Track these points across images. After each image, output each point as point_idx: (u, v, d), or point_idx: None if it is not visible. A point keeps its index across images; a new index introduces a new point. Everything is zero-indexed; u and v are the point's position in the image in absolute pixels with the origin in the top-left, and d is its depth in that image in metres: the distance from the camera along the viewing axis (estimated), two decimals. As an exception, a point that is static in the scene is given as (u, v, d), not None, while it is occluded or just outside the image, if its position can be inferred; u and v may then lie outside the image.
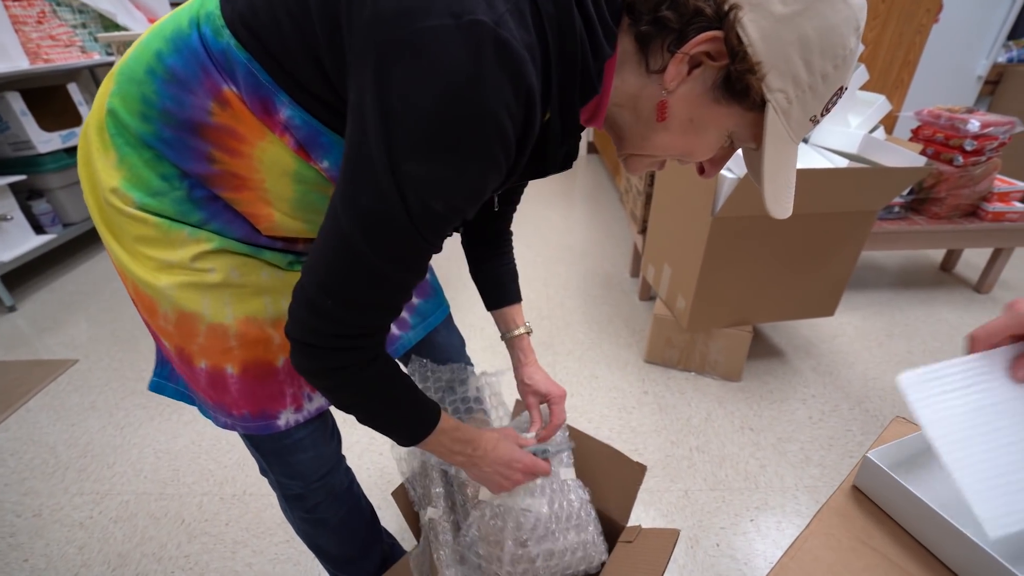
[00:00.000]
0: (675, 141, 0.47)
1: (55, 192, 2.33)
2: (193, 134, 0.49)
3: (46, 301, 2.13)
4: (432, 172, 0.39)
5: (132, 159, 0.51)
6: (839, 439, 1.41)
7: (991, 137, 1.79)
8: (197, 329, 0.55)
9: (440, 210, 0.41)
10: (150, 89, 0.48)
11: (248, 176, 0.51)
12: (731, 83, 0.41)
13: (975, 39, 2.89)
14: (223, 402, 0.59)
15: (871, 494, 0.56)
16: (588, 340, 1.83)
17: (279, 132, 0.48)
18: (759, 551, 1.12)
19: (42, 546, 1.16)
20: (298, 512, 0.76)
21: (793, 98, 0.41)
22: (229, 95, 0.47)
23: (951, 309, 1.99)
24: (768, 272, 1.45)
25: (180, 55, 0.47)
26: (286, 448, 0.66)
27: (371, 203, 0.40)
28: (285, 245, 0.60)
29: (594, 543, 0.78)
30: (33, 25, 2.28)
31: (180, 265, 0.53)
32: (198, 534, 1.18)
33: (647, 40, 0.42)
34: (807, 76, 0.40)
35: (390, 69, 0.37)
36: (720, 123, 0.45)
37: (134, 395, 1.60)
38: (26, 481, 1.32)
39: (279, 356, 0.60)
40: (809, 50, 0.39)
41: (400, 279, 0.46)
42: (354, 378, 0.49)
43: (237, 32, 0.45)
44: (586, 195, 3.25)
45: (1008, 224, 1.90)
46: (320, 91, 0.46)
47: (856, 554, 0.51)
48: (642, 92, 0.45)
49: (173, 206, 0.52)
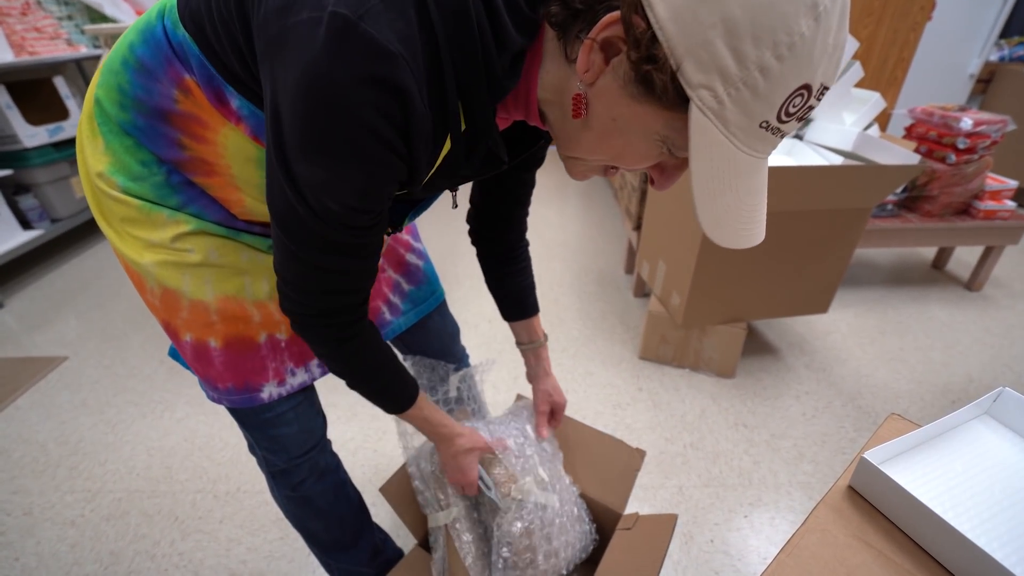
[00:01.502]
0: (599, 143, 0.41)
1: (42, 187, 2.29)
2: (162, 121, 0.51)
3: (34, 298, 2.10)
4: (314, 174, 0.39)
5: (115, 146, 0.54)
6: (832, 436, 1.42)
7: (984, 135, 1.81)
8: (180, 304, 0.58)
9: (337, 209, 0.41)
10: (124, 79, 0.50)
11: (215, 162, 0.54)
12: (645, 78, 0.34)
13: (967, 37, 2.90)
14: (209, 375, 0.63)
15: (867, 494, 0.57)
16: (582, 336, 1.84)
17: (234, 121, 0.50)
18: (753, 547, 1.13)
19: (33, 544, 1.15)
20: (284, 490, 0.77)
21: (723, 96, 0.32)
22: (190, 83, 0.49)
23: (942, 306, 2.01)
24: (763, 269, 1.45)
25: (147, 46, 0.49)
26: (269, 421, 0.68)
27: (280, 204, 0.43)
28: (262, 229, 0.62)
29: (590, 532, 0.79)
30: (17, 17, 2.23)
31: (161, 245, 0.56)
32: (192, 532, 1.17)
33: (564, 26, 0.37)
34: (737, 69, 0.31)
35: (272, 67, 0.37)
36: (644, 124, 0.37)
37: (125, 392, 1.58)
38: (16, 479, 1.30)
39: (260, 332, 0.63)
40: (736, 35, 0.30)
41: (340, 267, 0.48)
42: (336, 351, 0.55)
43: (187, 26, 0.47)
44: (580, 191, 3.25)
45: (999, 222, 1.92)
46: (254, 86, 0.47)
47: (852, 551, 0.51)
48: (565, 85, 0.40)
49: (153, 190, 0.55)
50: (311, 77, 0.34)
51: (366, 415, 1.47)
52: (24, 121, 2.15)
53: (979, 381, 1.62)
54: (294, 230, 0.44)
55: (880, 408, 1.51)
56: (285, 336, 0.66)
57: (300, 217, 0.42)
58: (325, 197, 0.40)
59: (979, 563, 0.46)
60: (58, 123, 2.30)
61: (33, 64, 2.21)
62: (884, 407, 1.52)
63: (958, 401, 1.53)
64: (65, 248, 2.50)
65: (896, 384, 1.61)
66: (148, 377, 1.65)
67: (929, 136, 1.95)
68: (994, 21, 2.85)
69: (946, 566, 0.49)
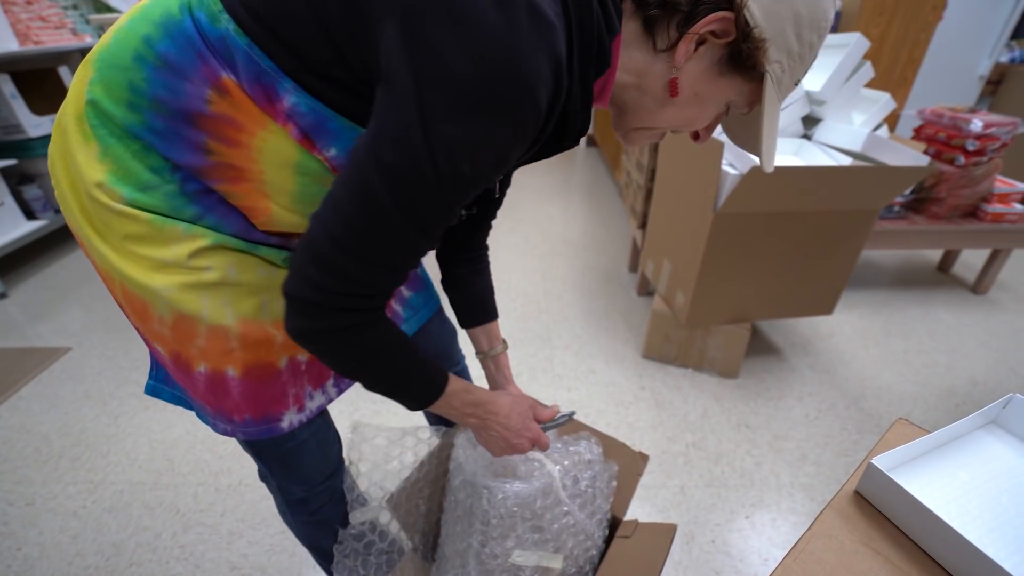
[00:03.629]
0: (682, 113, 0.50)
1: (46, 177, 2.29)
2: (188, 124, 0.46)
3: (38, 288, 2.10)
4: (465, 134, 0.39)
5: (117, 151, 0.48)
6: (835, 437, 1.41)
7: (993, 138, 1.79)
8: (196, 331, 0.52)
9: (468, 173, 0.41)
10: (139, 76, 0.45)
11: (246, 167, 0.49)
12: (738, 58, 0.44)
13: (978, 38, 2.88)
14: (223, 407, 0.57)
15: (874, 500, 0.56)
16: (586, 335, 1.83)
17: (282, 121, 0.47)
18: (754, 548, 1.13)
19: (35, 535, 1.15)
20: (301, 516, 0.75)
21: (786, 67, 0.45)
22: (228, 83, 0.45)
23: (948, 309, 2.00)
24: (768, 269, 1.45)
25: (173, 41, 0.44)
26: (289, 452, 0.65)
27: (398, 160, 0.39)
28: (280, 241, 0.58)
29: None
30: (23, 6, 2.23)
31: (176, 264, 0.50)
32: (193, 524, 1.18)
33: (654, 21, 0.44)
34: (798, 47, 0.44)
35: (422, 32, 0.37)
36: (723, 94, 0.48)
37: (128, 384, 1.59)
38: (19, 470, 1.31)
39: (282, 356, 0.58)
40: (800, 24, 0.43)
41: (415, 242, 0.45)
42: (357, 339, 0.48)
43: (237, 16, 0.43)
44: (584, 189, 3.24)
45: (1007, 225, 1.90)
46: (331, 71, 0.44)
47: (859, 557, 0.51)
48: (648, 70, 0.47)
49: (165, 201, 0.49)
50: (493, 45, 0.36)
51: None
52: (29, 111, 2.15)
53: (984, 385, 1.61)
54: (402, 189, 0.41)
55: (884, 411, 1.51)
56: (307, 356, 0.61)
57: (419, 176, 0.40)
58: (464, 159, 0.40)
59: (987, 572, 0.45)
60: (62, 113, 2.30)
61: (38, 53, 2.20)
62: (888, 409, 1.51)
63: (962, 404, 1.53)
64: (69, 238, 2.51)
65: (900, 387, 1.60)
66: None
67: (938, 137, 1.93)
68: (1005, 22, 2.82)
69: (953, 574, 0.49)
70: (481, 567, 0.71)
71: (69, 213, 0.51)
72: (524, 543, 0.71)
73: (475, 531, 0.72)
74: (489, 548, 0.70)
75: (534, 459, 0.75)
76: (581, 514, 0.75)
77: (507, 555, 0.70)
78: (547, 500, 0.72)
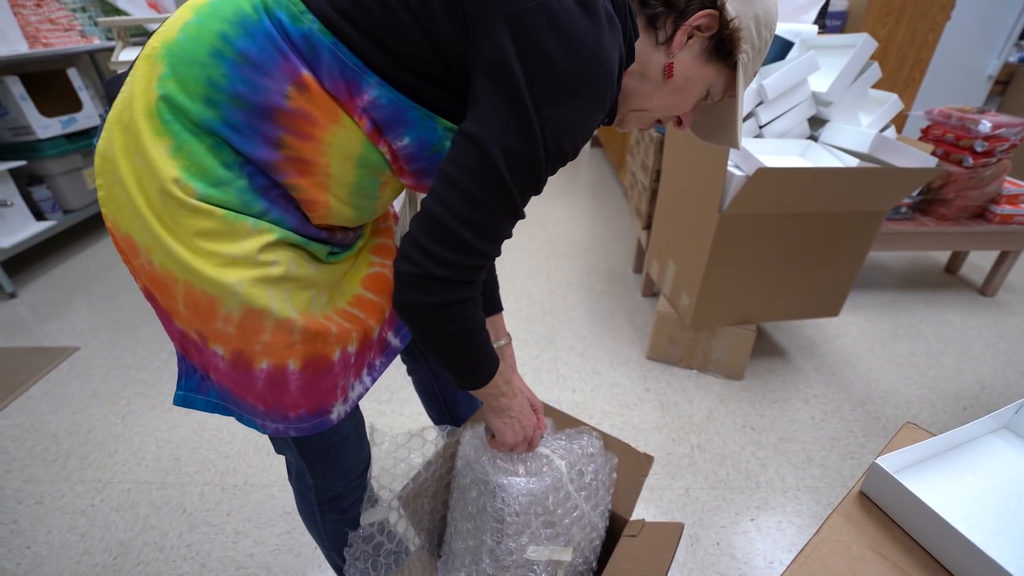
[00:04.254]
0: (673, 96, 0.58)
1: (55, 178, 2.31)
2: (265, 118, 0.48)
3: (46, 288, 2.12)
4: (568, 116, 0.47)
5: (192, 146, 0.48)
6: (841, 440, 1.41)
7: (1002, 139, 1.78)
8: (263, 326, 0.52)
9: (567, 149, 0.50)
10: (218, 72, 0.47)
11: (314, 160, 0.51)
12: (720, 46, 0.54)
13: (986, 38, 2.85)
14: (280, 404, 0.57)
15: (879, 501, 0.56)
16: (590, 335, 1.83)
17: (357, 115, 0.50)
18: (759, 550, 1.13)
19: (44, 533, 1.16)
20: (332, 516, 0.75)
21: (751, 57, 0.55)
22: (307, 79, 0.47)
23: (956, 311, 1.98)
24: (774, 271, 1.44)
25: (252, 39, 0.46)
26: (334, 446, 0.66)
27: (523, 145, 0.47)
28: (328, 236, 0.59)
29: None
30: (32, 8, 2.25)
31: (247, 259, 0.50)
32: (199, 524, 1.18)
33: (656, 18, 0.53)
34: (758, 41, 0.54)
35: (529, 35, 0.44)
36: (706, 79, 0.56)
37: (135, 383, 1.60)
38: (28, 468, 1.32)
39: (335, 348, 0.59)
40: (759, 23, 0.53)
41: (518, 214, 0.52)
42: (464, 311, 0.53)
43: (324, 16, 0.46)
44: (589, 189, 3.24)
45: (1016, 227, 1.88)
46: (424, 67, 0.49)
47: (866, 562, 0.51)
48: (649, 59, 0.55)
49: (237, 196, 0.50)
50: (587, 43, 0.45)
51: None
52: (38, 112, 2.17)
53: (992, 388, 1.60)
54: (520, 170, 0.48)
55: (890, 413, 1.50)
56: (355, 348, 0.62)
57: (533, 157, 0.47)
58: (566, 138, 0.49)
59: (989, 573, 0.45)
60: (71, 115, 2.32)
61: (47, 55, 2.22)
62: (894, 412, 1.50)
63: (970, 408, 1.52)
64: (77, 239, 2.53)
65: (907, 389, 1.59)
66: (158, 369, 1.66)
67: (946, 138, 1.92)
68: (1014, 22, 2.79)
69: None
70: (496, 564, 0.72)
71: (125, 212, 0.50)
72: (538, 538, 0.72)
73: (488, 528, 0.72)
74: (504, 545, 0.71)
75: (542, 455, 0.76)
76: (587, 506, 0.76)
77: (522, 551, 0.71)
78: (558, 495, 0.73)
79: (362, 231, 0.68)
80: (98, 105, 2.54)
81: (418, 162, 0.54)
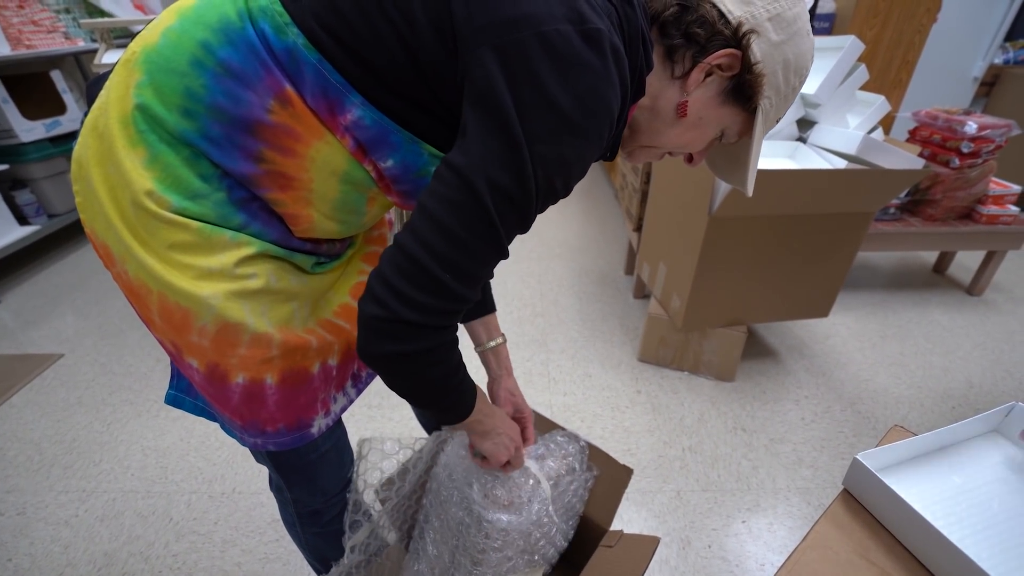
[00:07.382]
0: (685, 135, 0.54)
1: (39, 182, 2.28)
2: (246, 132, 0.46)
3: (30, 294, 2.09)
4: (561, 153, 0.43)
5: (167, 158, 0.47)
6: (831, 440, 1.41)
7: (988, 140, 1.80)
8: (239, 340, 0.51)
9: (559, 187, 0.46)
10: (197, 83, 0.45)
11: (296, 176, 0.49)
12: (740, 89, 0.50)
13: (972, 40, 2.88)
14: (257, 418, 0.55)
15: (861, 498, 0.56)
16: (582, 338, 1.83)
17: (339, 133, 0.47)
18: (751, 553, 1.13)
19: (26, 545, 1.14)
20: (312, 529, 0.74)
21: (774, 103, 0.51)
22: (290, 94, 0.45)
23: (944, 311, 2.00)
24: (764, 272, 1.44)
25: (235, 49, 0.44)
26: (312, 464, 0.64)
27: (509, 180, 0.42)
28: (313, 247, 0.58)
29: None
30: (14, 10, 2.21)
31: (223, 272, 0.49)
32: (186, 533, 1.17)
33: (674, 51, 0.50)
34: (784, 87, 0.51)
35: (523, 65, 0.41)
36: (720, 120, 0.53)
37: (121, 390, 1.58)
38: (9, 478, 1.29)
39: (315, 362, 0.58)
40: (788, 69, 0.50)
41: (501, 253, 0.47)
42: (441, 356, 0.48)
43: (308, 30, 0.44)
44: (581, 191, 3.24)
45: (1002, 227, 1.91)
46: (408, 90, 0.46)
47: (854, 568, 0.50)
48: (662, 94, 0.52)
49: (214, 209, 0.48)
50: (588, 78, 0.41)
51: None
52: (21, 115, 2.14)
53: (979, 387, 1.61)
54: (506, 208, 0.43)
55: (880, 413, 1.51)
56: (336, 360, 0.61)
57: (525, 196, 0.43)
58: (559, 176, 0.45)
59: (966, 571, 0.45)
60: (55, 117, 2.29)
61: (30, 57, 2.19)
62: (884, 412, 1.51)
63: (959, 407, 1.53)
64: (62, 244, 2.49)
65: (896, 389, 1.60)
66: (144, 375, 1.64)
67: (933, 140, 1.94)
68: (999, 24, 2.83)
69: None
70: None
71: (100, 220, 0.49)
72: (516, 566, 0.73)
73: (468, 551, 0.73)
74: (480, 570, 0.72)
75: (530, 474, 0.75)
76: (562, 523, 0.77)
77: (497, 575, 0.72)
78: (542, 529, 0.73)
79: (352, 240, 0.67)
80: (82, 108, 2.50)
81: (403, 184, 0.51)
